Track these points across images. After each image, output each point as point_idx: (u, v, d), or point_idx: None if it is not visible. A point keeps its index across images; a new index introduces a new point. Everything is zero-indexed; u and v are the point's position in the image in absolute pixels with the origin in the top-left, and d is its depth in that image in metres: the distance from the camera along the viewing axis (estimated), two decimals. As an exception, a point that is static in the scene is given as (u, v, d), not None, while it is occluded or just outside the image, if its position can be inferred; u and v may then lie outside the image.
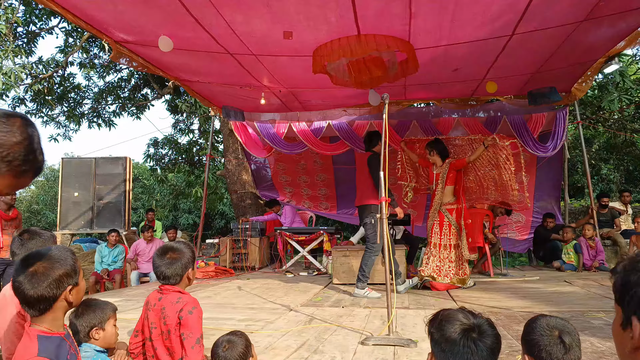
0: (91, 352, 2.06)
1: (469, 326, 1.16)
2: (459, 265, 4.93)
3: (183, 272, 2.05)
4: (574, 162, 12.03)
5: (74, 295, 1.44)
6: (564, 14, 3.88)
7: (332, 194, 8.87)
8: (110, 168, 7.75)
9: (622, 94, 8.00)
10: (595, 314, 3.39)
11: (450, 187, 4.93)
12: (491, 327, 1.18)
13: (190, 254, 2.10)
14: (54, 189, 20.23)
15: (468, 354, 1.12)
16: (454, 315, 1.20)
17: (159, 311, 1.97)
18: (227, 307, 4.02)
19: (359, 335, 2.96)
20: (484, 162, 5.15)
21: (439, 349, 1.17)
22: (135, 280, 6.52)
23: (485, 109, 6.96)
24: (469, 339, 1.13)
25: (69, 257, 1.42)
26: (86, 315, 2.10)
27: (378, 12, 3.66)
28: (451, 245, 4.92)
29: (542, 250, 7.14)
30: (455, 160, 4.96)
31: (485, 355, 1.12)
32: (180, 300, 1.97)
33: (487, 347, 1.13)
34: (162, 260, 2.04)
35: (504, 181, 5.02)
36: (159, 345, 1.96)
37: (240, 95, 6.07)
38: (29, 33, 9.39)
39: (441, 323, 1.20)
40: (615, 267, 0.93)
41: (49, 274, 1.36)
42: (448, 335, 1.16)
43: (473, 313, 1.21)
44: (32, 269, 1.36)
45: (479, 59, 4.81)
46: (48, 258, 1.39)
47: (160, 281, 2.06)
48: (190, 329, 1.90)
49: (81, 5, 3.79)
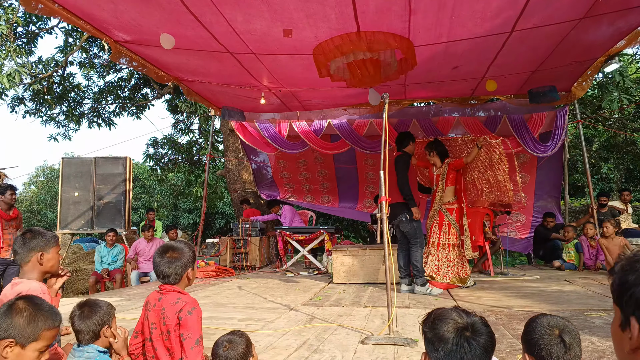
0: (94, 352, 2.06)
1: (463, 325, 1.15)
2: (459, 264, 4.93)
3: (182, 272, 2.04)
4: (574, 161, 12.03)
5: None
6: (563, 11, 3.88)
7: (333, 187, 8.91)
8: (111, 168, 7.75)
9: (622, 94, 7.99)
10: (595, 313, 3.40)
11: (450, 188, 4.94)
12: (485, 326, 1.17)
13: (191, 254, 2.10)
14: (54, 189, 20.23)
15: (461, 353, 1.11)
16: (447, 314, 1.20)
17: (159, 311, 1.97)
18: (227, 307, 4.02)
19: (360, 334, 2.96)
20: (478, 164, 5.19)
21: (432, 348, 1.17)
22: (136, 280, 6.52)
23: (485, 108, 6.96)
24: (462, 337, 1.13)
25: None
26: (94, 315, 2.10)
27: (378, 8, 3.65)
28: (450, 244, 4.92)
29: (542, 249, 7.14)
30: (453, 161, 4.97)
31: (479, 354, 1.11)
32: (180, 301, 1.96)
33: (480, 345, 1.12)
34: (162, 259, 2.03)
35: (498, 182, 5.03)
36: (159, 346, 1.96)
37: (240, 95, 6.07)
38: (28, 33, 9.38)
39: (434, 322, 1.19)
40: (613, 267, 0.92)
41: None
42: (441, 334, 1.15)
43: (467, 312, 1.21)
44: None
45: (479, 56, 4.81)
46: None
47: (159, 280, 2.06)
48: (190, 330, 1.89)
49: (81, 5, 3.78)
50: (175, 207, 17.11)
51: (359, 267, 5.41)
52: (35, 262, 2.11)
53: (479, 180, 5.29)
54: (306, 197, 9.12)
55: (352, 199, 8.95)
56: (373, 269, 5.39)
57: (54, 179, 21.82)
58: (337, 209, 9.12)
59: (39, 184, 23.51)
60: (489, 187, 5.23)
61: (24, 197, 22.47)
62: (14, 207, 5.63)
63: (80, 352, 2.06)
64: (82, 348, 2.08)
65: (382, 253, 4.77)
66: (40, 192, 22.36)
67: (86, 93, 11.18)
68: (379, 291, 4.82)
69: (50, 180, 22.62)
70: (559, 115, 6.59)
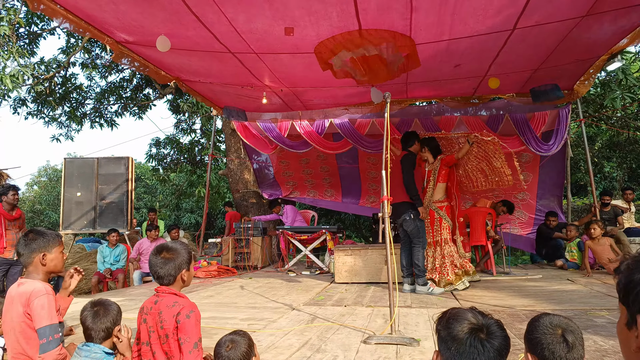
0: (100, 353, 2.07)
1: (477, 326, 1.14)
2: (459, 259, 4.88)
3: (176, 273, 2.01)
4: (576, 160, 11.99)
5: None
6: (565, 9, 3.87)
7: (336, 182, 8.93)
8: (113, 168, 7.76)
9: (625, 92, 7.96)
10: (598, 312, 3.38)
11: (442, 185, 4.90)
12: (500, 329, 1.16)
13: (186, 255, 2.05)
14: (57, 189, 20.28)
15: (474, 354, 1.10)
16: (462, 314, 1.19)
17: (156, 315, 1.94)
18: (229, 307, 4.03)
19: (362, 334, 2.95)
20: (471, 157, 5.15)
21: (445, 347, 1.16)
22: (138, 280, 6.54)
23: (487, 107, 6.94)
24: (476, 338, 1.12)
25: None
26: (108, 315, 2.11)
27: (379, 6, 3.65)
28: (443, 239, 4.86)
29: (544, 248, 7.12)
30: (445, 157, 4.93)
31: (492, 357, 1.10)
32: (177, 304, 1.93)
33: (494, 348, 1.11)
34: (156, 260, 2.01)
35: (495, 168, 4.97)
36: (157, 349, 1.93)
37: (241, 95, 6.07)
38: (30, 34, 9.41)
39: (449, 321, 1.18)
40: (619, 266, 0.92)
41: None
42: (455, 333, 1.14)
43: (483, 313, 1.20)
44: None
45: (481, 54, 4.79)
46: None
47: (155, 281, 2.05)
48: (188, 334, 1.87)
49: (82, 6, 3.79)
50: (177, 207, 17.15)
51: (361, 266, 5.41)
52: (38, 263, 2.12)
53: (473, 172, 5.26)
54: (309, 192, 9.14)
55: (355, 194, 8.97)
56: (375, 269, 5.39)
57: (56, 179, 21.88)
58: (341, 203, 9.13)
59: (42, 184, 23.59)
60: (484, 176, 5.17)
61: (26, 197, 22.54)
62: (17, 208, 5.64)
63: (86, 351, 2.06)
64: (88, 348, 2.08)
65: (384, 252, 4.76)
66: (43, 193, 22.42)
67: (88, 94, 11.21)
68: (381, 291, 4.82)
69: (52, 181, 22.69)
70: (562, 114, 6.57)
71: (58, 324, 2.01)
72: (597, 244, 5.72)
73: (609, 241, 5.72)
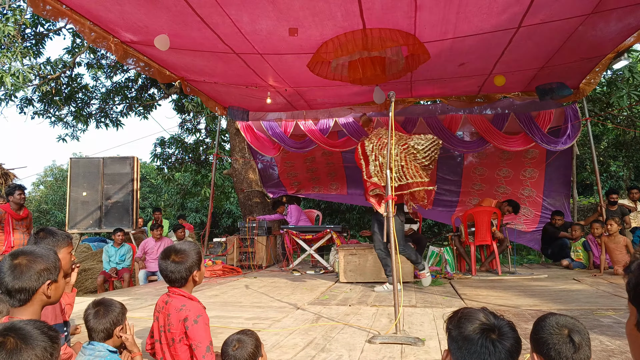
0: (104, 351, 2.08)
1: (489, 326, 1.14)
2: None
3: (187, 275, 2.01)
4: (582, 159, 11.92)
5: (53, 291, 1.58)
6: (570, 7, 3.85)
7: (341, 175, 8.92)
8: (118, 168, 7.80)
9: (632, 90, 7.90)
10: (604, 312, 3.36)
11: None
12: (512, 330, 1.15)
13: (195, 256, 2.05)
14: (63, 189, 20.44)
15: (485, 355, 1.10)
16: (474, 314, 1.18)
17: (165, 316, 1.95)
18: (234, 306, 4.04)
19: (366, 333, 2.95)
20: None
21: (455, 346, 1.16)
22: (144, 279, 6.57)
23: (492, 107, 6.92)
24: (487, 339, 1.11)
25: (52, 255, 1.60)
26: (109, 315, 2.12)
27: (383, 5, 3.64)
28: None
29: (550, 248, 7.08)
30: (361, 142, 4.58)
31: (503, 358, 1.10)
32: (185, 308, 1.92)
33: (505, 349, 1.11)
34: (166, 264, 2.00)
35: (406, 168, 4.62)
36: (165, 350, 1.96)
37: (246, 95, 6.08)
38: (36, 34, 9.47)
39: (460, 320, 1.18)
40: (628, 265, 0.91)
41: (31, 266, 1.52)
42: (466, 333, 1.14)
43: (494, 314, 1.19)
44: (16, 261, 1.51)
45: (486, 53, 4.77)
46: (31, 253, 1.55)
47: (167, 283, 2.06)
48: (199, 339, 1.86)
49: (88, 7, 3.81)
50: (182, 206, 17.22)
51: (365, 266, 5.40)
52: None
53: None
54: (314, 188, 9.14)
55: (360, 187, 8.98)
56: (380, 268, 5.38)
57: (62, 179, 22.03)
58: (346, 195, 9.13)
59: (48, 184, 23.77)
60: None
61: (33, 197, 22.73)
62: (24, 207, 5.69)
63: (90, 350, 2.07)
64: (92, 346, 2.09)
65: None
66: (49, 192, 22.60)
67: (94, 94, 11.27)
68: (385, 290, 4.81)
69: (58, 180, 22.86)
70: (569, 112, 6.54)
71: (62, 324, 2.02)
72: (612, 240, 5.66)
73: (626, 241, 5.66)
